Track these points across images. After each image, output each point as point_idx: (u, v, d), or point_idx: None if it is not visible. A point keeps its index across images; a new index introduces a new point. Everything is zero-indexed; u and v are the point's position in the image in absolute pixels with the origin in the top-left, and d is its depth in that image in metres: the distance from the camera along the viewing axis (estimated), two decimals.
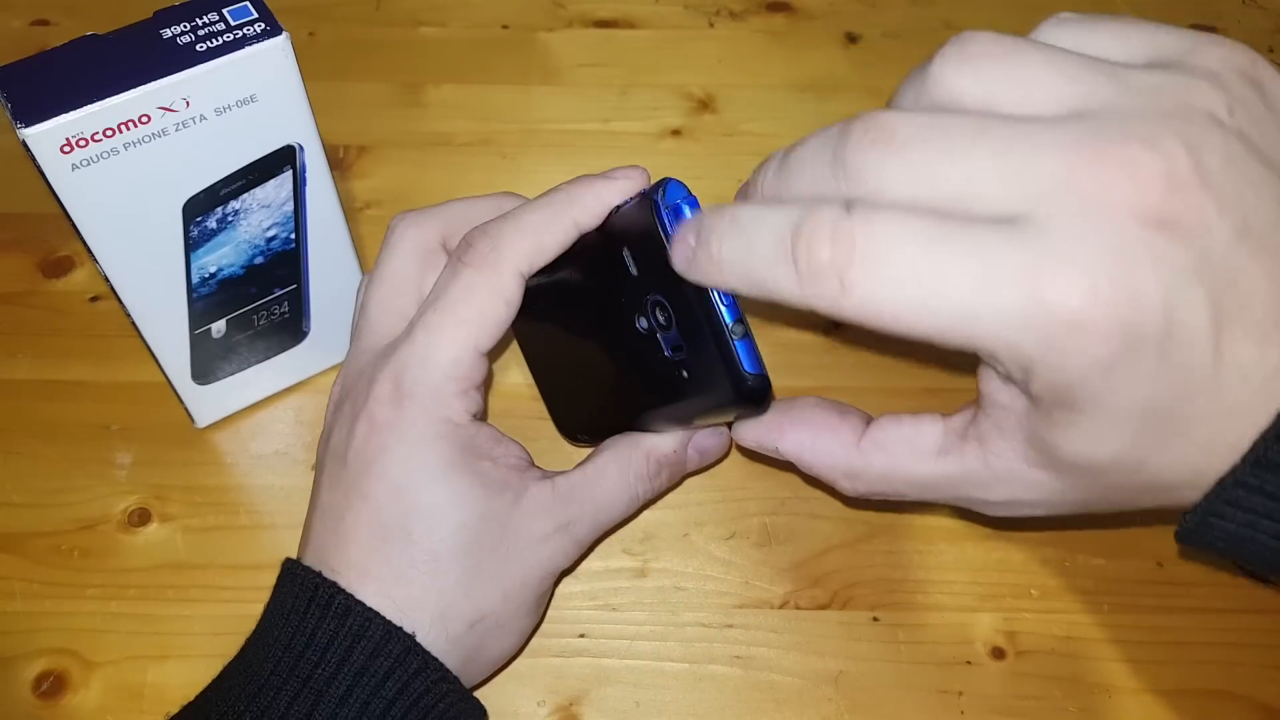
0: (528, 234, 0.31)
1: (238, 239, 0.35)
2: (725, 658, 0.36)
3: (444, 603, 0.30)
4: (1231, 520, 0.25)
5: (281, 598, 0.30)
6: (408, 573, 0.29)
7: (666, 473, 0.34)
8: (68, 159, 0.30)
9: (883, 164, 0.24)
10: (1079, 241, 0.22)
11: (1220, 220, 0.23)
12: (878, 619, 0.36)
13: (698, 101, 0.52)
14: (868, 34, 0.56)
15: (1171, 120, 0.23)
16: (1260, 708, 0.35)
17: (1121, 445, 0.25)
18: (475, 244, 0.31)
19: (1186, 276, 0.22)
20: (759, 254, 0.25)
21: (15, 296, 0.45)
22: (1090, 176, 0.22)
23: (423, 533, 0.30)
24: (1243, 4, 0.58)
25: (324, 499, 0.31)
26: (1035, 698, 0.35)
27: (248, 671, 0.29)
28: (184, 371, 0.38)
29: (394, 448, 0.30)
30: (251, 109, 0.32)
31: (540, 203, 0.32)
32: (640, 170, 0.32)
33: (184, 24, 0.31)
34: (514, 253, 0.31)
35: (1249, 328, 0.23)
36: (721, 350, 0.29)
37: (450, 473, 0.30)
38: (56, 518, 0.38)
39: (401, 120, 0.51)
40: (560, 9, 0.57)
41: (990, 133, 0.23)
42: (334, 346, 0.42)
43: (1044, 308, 0.22)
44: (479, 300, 0.30)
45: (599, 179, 0.31)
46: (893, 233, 0.23)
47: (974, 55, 0.25)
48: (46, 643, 0.35)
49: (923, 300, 0.23)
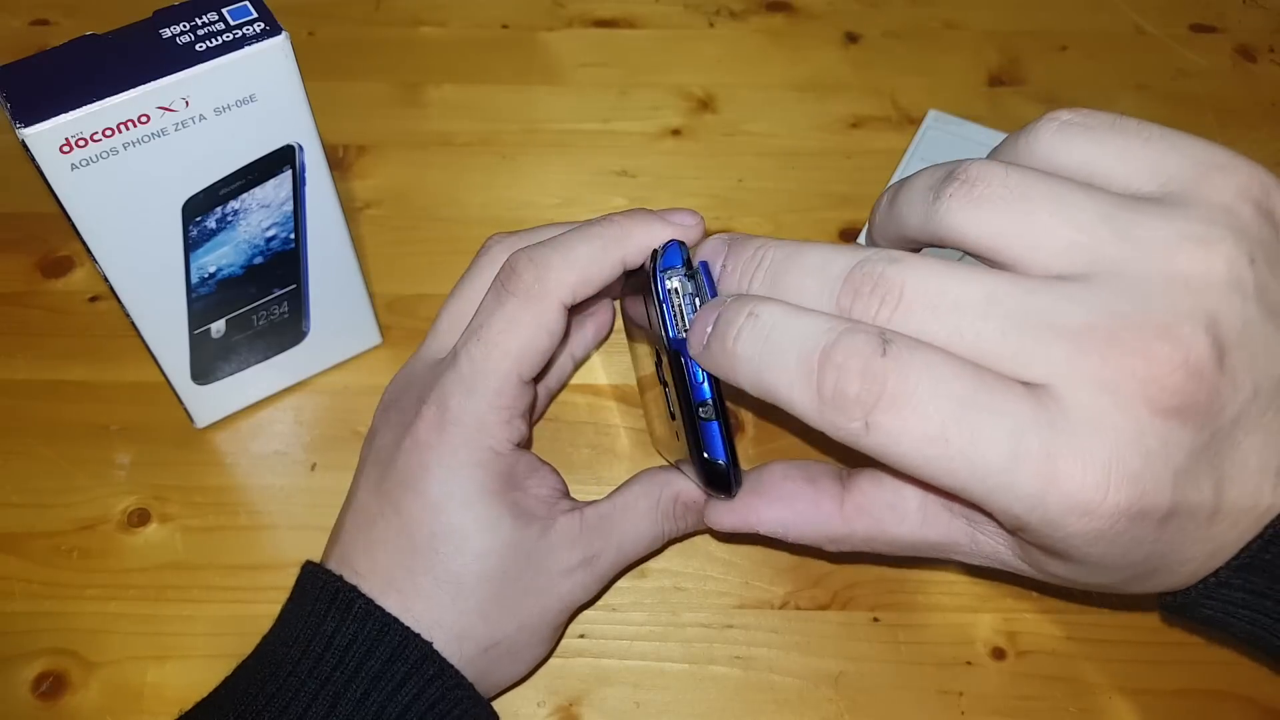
0: (574, 267, 0.30)
1: (237, 239, 0.35)
2: (725, 658, 0.36)
3: (462, 625, 0.30)
4: (1210, 609, 0.27)
5: (301, 599, 0.30)
6: (430, 590, 0.30)
7: (694, 516, 0.34)
8: (67, 159, 0.30)
9: (899, 325, 0.24)
10: (1096, 427, 0.22)
11: (1235, 395, 0.23)
12: (878, 619, 0.36)
13: (698, 101, 0.52)
14: (868, 34, 0.56)
15: (1186, 296, 0.23)
16: (1260, 708, 0.34)
17: (1108, 581, 0.26)
18: (521, 272, 0.30)
19: (1198, 459, 0.23)
20: (779, 364, 0.25)
21: (14, 296, 0.44)
22: (1105, 364, 0.22)
23: (449, 554, 0.30)
24: (1243, 4, 0.58)
25: (360, 499, 0.32)
26: (1036, 698, 0.35)
27: (265, 670, 0.29)
28: (183, 372, 0.38)
29: (433, 468, 0.30)
30: (251, 109, 0.32)
31: (592, 232, 0.31)
32: (695, 216, 0.31)
33: (183, 24, 0.31)
34: (559, 285, 0.30)
35: (1245, 483, 0.24)
36: (690, 427, 0.29)
37: (484, 499, 0.30)
38: (56, 518, 0.38)
39: (401, 120, 0.51)
40: (560, 8, 0.57)
41: (1002, 305, 0.23)
42: (334, 347, 0.42)
43: (1058, 491, 0.23)
44: (523, 332, 0.30)
45: (653, 218, 0.31)
46: (926, 386, 0.23)
47: (982, 198, 0.25)
48: (46, 643, 0.35)
49: (947, 460, 0.23)
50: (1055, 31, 0.56)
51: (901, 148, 0.50)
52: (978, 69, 0.54)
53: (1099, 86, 0.53)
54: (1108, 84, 0.53)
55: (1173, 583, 0.26)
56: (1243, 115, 0.52)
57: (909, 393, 0.23)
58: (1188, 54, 0.55)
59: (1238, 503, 0.24)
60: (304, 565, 0.31)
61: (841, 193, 0.49)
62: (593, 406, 0.41)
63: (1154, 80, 0.54)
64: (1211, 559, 0.25)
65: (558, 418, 0.41)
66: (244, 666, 0.30)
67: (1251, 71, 0.54)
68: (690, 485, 0.34)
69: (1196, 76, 0.54)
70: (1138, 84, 0.53)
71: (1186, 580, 0.26)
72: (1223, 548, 0.25)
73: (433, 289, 0.45)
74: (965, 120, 0.51)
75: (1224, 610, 0.27)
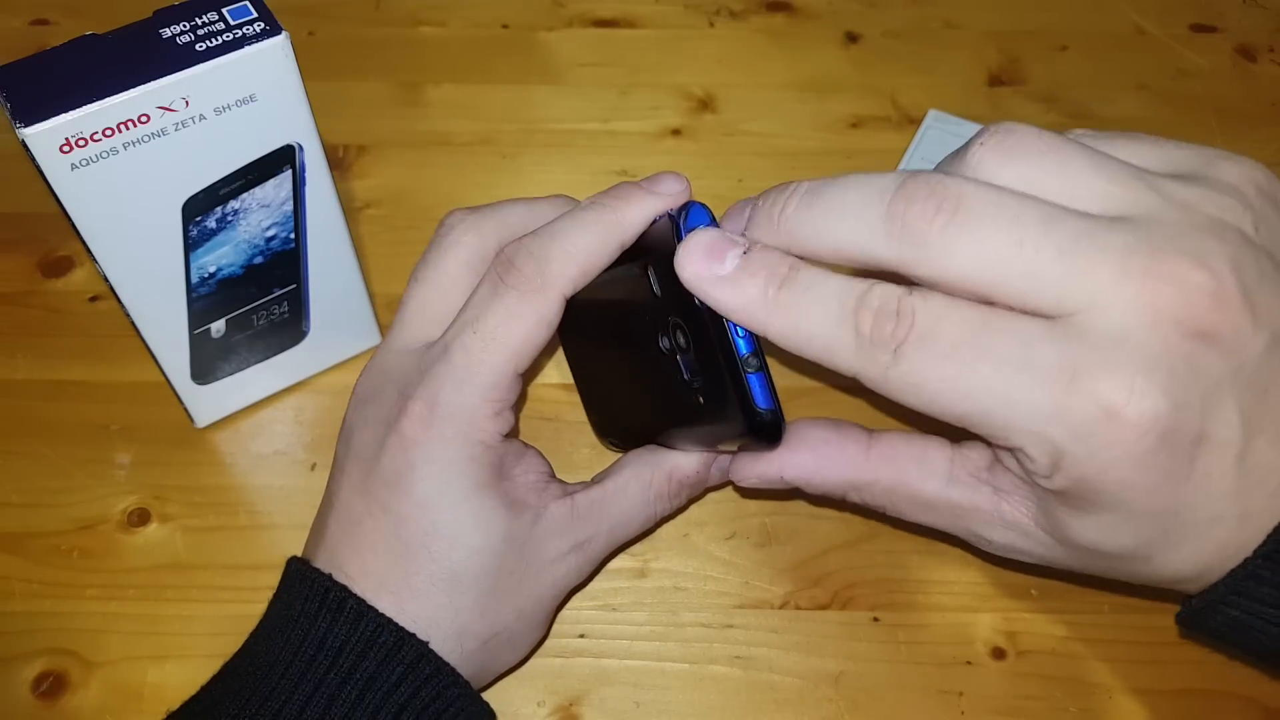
0: (575, 260, 0.30)
1: (237, 239, 0.35)
2: (725, 658, 0.36)
3: (460, 622, 0.30)
4: (1236, 608, 0.26)
5: (290, 599, 0.30)
6: (425, 590, 0.29)
7: (687, 492, 0.34)
8: (67, 159, 0.30)
9: (952, 239, 0.24)
10: (1126, 344, 0.23)
11: (1255, 335, 0.24)
12: (878, 619, 0.36)
13: (698, 101, 0.52)
14: (868, 34, 0.56)
15: (1211, 237, 0.24)
16: (1260, 708, 0.35)
17: (1134, 542, 0.26)
18: (520, 265, 0.30)
19: (1223, 387, 0.24)
20: (818, 316, 0.26)
21: (14, 296, 0.44)
22: (1142, 286, 0.23)
23: (443, 552, 0.29)
24: (1243, 4, 0.58)
25: (344, 499, 0.31)
26: (1036, 698, 0.35)
27: (257, 672, 0.29)
28: (183, 371, 0.38)
29: (421, 466, 0.30)
30: (251, 108, 0.32)
31: (587, 218, 0.30)
32: (681, 181, 0.31)
33: (183, 23, 0.31)
34: (560, 278, 0.30)
35: (1273, 436, 0.24)
36: (734, 382, 0.28)
37: (475, 495, 0.30)
38: (56, 518, 0.38)
39: (401, 120, 0.51)
40: (560, 8, 0.57)
41: (1060, 226, 0.24)
42: (333, 346, 0.42)
43: (1085, 400, 0.23)
44: (522, 325, 0.30)
45: (644, 194, 0.30)
46: (949, 314, 0.24)
47: (1015, 147, 0.25)
48: (46, 643, 0.35)
49: (962, 378, 0.24)
50: (1055, 31, 0.56)
51: (902, 148, 0.50)
52: (978, 69, 0.54)
53: (1099, 86, 0.53)
54: (1108, 84, 0.53)
55: (1200, 556, 0.26)
56: (1243, 115, 0.52)
57: (934, 324, 0.24)
58: (1188, 54, 0.55)
59: (1269, 458, 0.24)
60: (289, 563, 0.31)
61: None
62: None
63: (1154, 80, 0.54)
64: (1242, 524, 0.25)
65: (557, 417, 0.41)
66: (231, 667, 0.30)
67: (1252, 71, 0.54)
68: (683, 460, 0.33)
69: (1197, 76, 0.54)
70: (1138, 84, 0.53)
71: (1215, 555, 0.26)
72: (1253, 512, 0.25)
73: None
74: (965, 120, 0.51)
75: (1250, 611, 0.26)
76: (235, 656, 0.30)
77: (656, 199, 0.30)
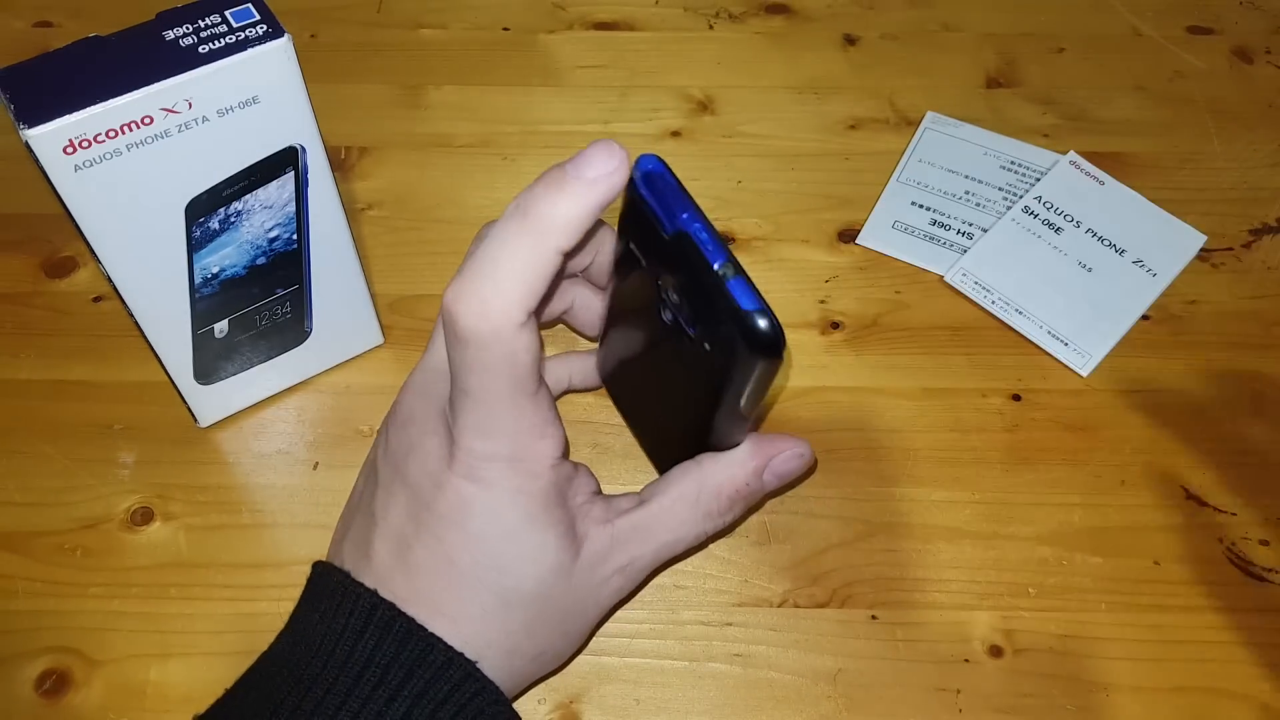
0: (516, 287, 0.27)
1: (240, 240, 0.35)
2: (724, 656, 0.36)
3: (511, 643, 0.30)
4: None
5: (333, 613, 0.30)
6: (479, 615, 0.30)
7: (741, 505, 0.33)
8: (71, 160, 0.30)
9: None
10: None
11: None
12: (876, 617, 0.37)
13: (697, 103, 0.53)
14: (866, 35, 0.56)
15: None
16: (1259, 707, 0.35)
17: None
18: (459, 315, 0.27)
19: None
20: None
21: (18, 297, 0.45)
22: None
23: (495, 580, 0.30)
24: (1240, 5, 0.58)
25: (393, 523, 0.30)
26: (1033, 696, 0.35)
27: (299, 685, 0.29)
28: (186, 371, 0.38)
29: (473, 502, 0.29)
30: (254, 110, 0.32)
31: (507, 235, 0.27)
32: (614, 156, 0.27)
33: (186, 26, 0.31)
34: (503, 314, 0.27)
35: None
36: (718, 296, 0.27)
37: (527, 528, 0.30)
38: (59, 517, 0.38)
39: (403, 122, 0.51)
40: (561, 11, 0.57)
41: None
42: (336, 347, 0.42)
43: None
44: (495, 374, 0.28)
45: (568, 187, 0.27)
46: None
47: None
48: (49, 641, 0.36)
49: None
50: (1052, 33, 0.56)
51: (900, 149, 0.50)
52: (975, 71, 0.54)
53: (1096, 88, 0.53)
54: (1105, 85, 0.54)
55: None
56: (1240, 117, 0.52)
57: None
58: (1185, 55, 0.55)
59: None
60: (330, 573, 0.31)
61: (840, 194, 0.49)
62: (592, 406, 0.41)
63: (1151, 82, 0.54)
64: None
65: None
66: (263, 673, 0.30)
67: (1248, 73, 0.54)
68: (731, 475, 0.33)
69: (1193, 78, 0.54)
70: (1135, 85, 0.54)
71: None
72: None
73: (434, 289, 0.45)
74: (963, 122, 0.51)
75: None
76: (265, 662, 0.30)
77: (587, 187, 0.26)
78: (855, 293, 0.45)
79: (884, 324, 0.44)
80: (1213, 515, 0.39)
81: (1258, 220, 0.48)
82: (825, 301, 0.45)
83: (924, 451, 0.40)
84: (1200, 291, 0.45)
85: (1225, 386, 0.42)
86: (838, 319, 0.44)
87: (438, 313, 0.34)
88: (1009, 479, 0.40)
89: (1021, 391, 0.42)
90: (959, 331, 0.44)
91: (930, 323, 0.44)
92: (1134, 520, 0.39)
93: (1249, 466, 0.40)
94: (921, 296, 0.45)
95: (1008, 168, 0.50)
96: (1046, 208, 0.48)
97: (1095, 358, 0.43)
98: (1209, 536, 0.38)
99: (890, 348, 0.44)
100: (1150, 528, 0.38)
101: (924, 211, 0.48)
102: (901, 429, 0.41)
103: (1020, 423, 0.41)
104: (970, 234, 0.47)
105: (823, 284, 0.46)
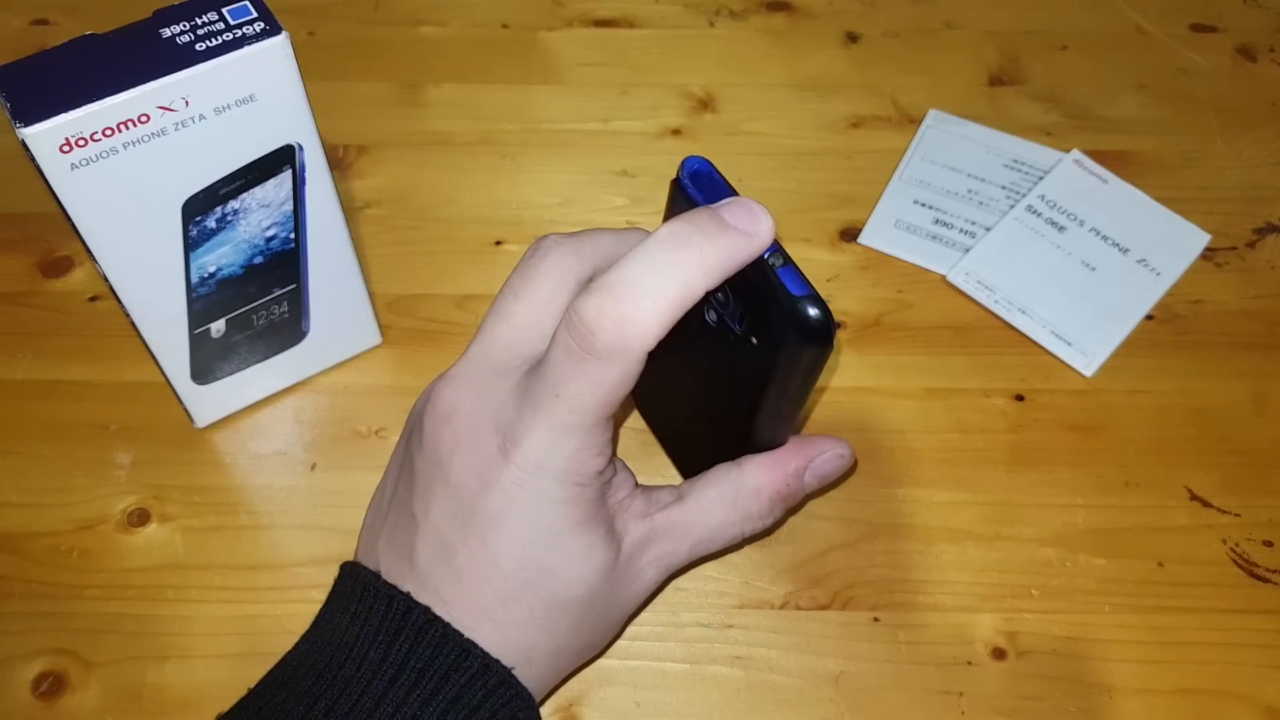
0: (657, 315, 0.27)
1: (237, 239, 0.35)
2: (725, 658, 0.36)
3: (557, 644, 0.30)
4: None
5: (366, 615, 0.29)
6: (525, 619, 0.30)
7: (781, 506, 0.33)
8: (67, 158, 0.30)
9: None
10: None
11: None
12: (878, 619, 0.36)
13: (698, 101, 0.52)
14: (868, 33, 0.56)
15: None
16: (1260, 707, 0.34)
17: None
18: (598, 332, 0.27)
19: None
20: None
21: (14, 296, 0.44)
22: None
23: (542, 585, 0.30)
24: (1243, 3, 0.58)
25: (434, 525, 0.30)
26: (1036, 698, 0.35)
27: (333, 686, 0.28)
28: (183, 371, 0.38)
29: (520, 508, 0.29)
30: (251, 108, 0.32)
31: (665, 263, 0.27)
32: (764, 219, 0.28)
33: (183, 23, 0.31)
34: (641, 338, 0.27)
35: None
36: (768, 286, 0.27)
37: (572, 533, 0.30)
38: (56, 518, 0.38)
39: (401, 120, 0.51)
40: (560, 8, 0.57)
41: None
42: (334, 346, 0.42)
43: None
44: (606, 390, 0.28)
45: (727, 235, 0.27)
46: None
47: None
48: (45, 643, 0.35)
49: None
50: (1055, 31, 0.56)
51: (902, 147, 0.50)
52: (978, 69, 0.54)
53: (1099, 86, 0.53)
54: (1108, 83, 0.53)
55: None
56: (1243, 115, 0.52)
57: None
58: (1188, 54, 0.55)
59: None
60: (360, 574, 0.30)
61: (842, 193, 0.49)
62: None
63: (1154, 80, 0.54)
64: None
65: None
66: (291, 671, 0.29)
67: (1252, 71, 0.54)
68: (771, 477, 0.32)
69: (1197, 76, 0.54)
70: (1138, 83, 0.53)
71: None
72: None
73: (433, 289, 0.45)
74: (965, 120, 0.51)
75: None
76: (293, 661, 0.30)
77: (743, 240, 0.27)
78: (857, 292, 0.45)
79: (886, 324, 0.44)
80: (1217, 516, 0.39)
81: (1262, 219, 0.48)
82: (827, 301, 0.45)
83: (926, 452, 0.40)
84: (1204, 291, 0.45)
85: (1229, 387, 0.42)
86: (840, 319, 0.44)
87: (490, 310, 0.32)
88: (1012, 480, 0.40)
89: (1025, 392, 0.42)
90: (962, 331, 0.44)
91: (933, 322, 0.44)
92: (1137, 521, 0.39)
93: (1253, 467, 0.40)
94: (924, 296, 0.45)
95: (1011, 166, 0.49)
96: (1050, 206, 0.48)
97: (1099, 358, 0.43)
98: (1213, 538, 0.38)
99: (892, 348, 0.43)
100: (1154, 529, 0.38)
101: (926, 210, 0.48)
102: (904, 429, 0.41)
103: (1023, 423, 0.41)
104: (973, 233, 0.47)
105: (825, 283, 0.45)
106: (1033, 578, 0.37)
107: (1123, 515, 0.39)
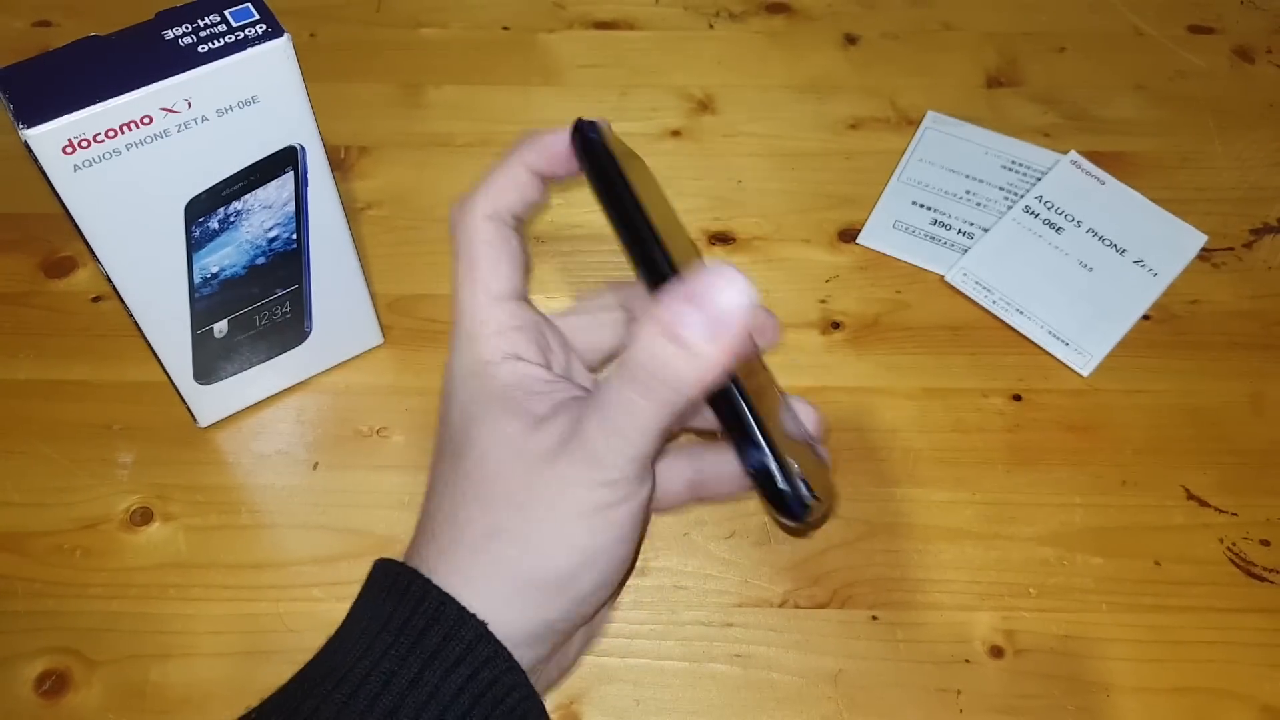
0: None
1: (240, 239, 0.35)
2: (725, 656, 0.36)
3: (579, 609, 0.29)
4: None
5: (370, 587, 0.29)
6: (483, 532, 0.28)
7: None
8: (70, 160, 0.30)
9: None
10: None
11: None
12: (877, 618, 0.36)
13: (697, 102, 0.53)
14: (867, 35, 0.56)
15: None
16: (1257, 706, 0.35)
17: None
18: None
19: None
20: None
21: (17, 297, 0.45)
22: None
23: (472, 463, 0.29)
24: (1240, 5, 0.58)
25: (432, 484, 0.30)
26: (1034, 696, 0.35)
27: (344, 667, 0.27)
28: (186, 371, 0.38)
29: (567, 502, 0.28)
30: (253, 110, 0.32)
31: (635, 397, 0.27)
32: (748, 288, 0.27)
33: (186, 25, 0.31)
34: (637, 462, 0.27)
35: None
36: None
37: (608, 536, 0.29)
38: (58, 517, 0.38)
39: (402, 121, 0.51)
40: (560, 10, 0.57)
41: None
42: (335, 346, 0.42)
43: None
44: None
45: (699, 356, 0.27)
46: None
47: None
48: (48, 642, 0.36)
49: None
50: (1053, 33, 0.56)
51: (900, 148, 0.50)
52: (976, 70, 0.54)
53: (1097, 87, 0.53)
54: (1105, 85, 0.54)
55: None
56: (1240, 116, 0.52)
57: None
58: (1186, 55, 0.55)
59: None
60: (387, 565, 0.29)
61: (841, 193, 0.49)
62: None
63: (1152, 81, 0.54)
64: None
65: None
66: (315, 666, 0.29)
67: (1249, 72, 0.54)
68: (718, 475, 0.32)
69: (1194, 77, 0.54)
70: (1136, 85, 0.54)
71: None
72: None
73: (434, 289, 0.45)
74: (963, 121, 0.51)
75: None
76: (323, 656, 0.29)
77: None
78: (856, 292, 0.45)
79: (885, 324, 0.44)
80: (1214, 515, 0.39)
81: (1259, 220, 0.48)
82: (826, 301, 0.45)
83: (925, 452, 0.40)
84: (1201, 291, 0.45)
85: (1226, 386, 0.42)
86: (838, 319, 0.44)
87: (442, 312, 0.34)
88: (1010, 479, 0.40)
89: (1022, 391, 0.42)
90: (960, 331, 0.44)
91: (931, 322, 0.44)
92: (1135, 520, 0.39)
93: (1250, 467, 0.40)
94: (922, 296, 0.45)
95: (1008, 167, 0.50)
96: (1047, 207, 0.48)
97: (1096, 358, 0.43)
98: (1210, 537, 0.38)
99: (891, 348, 0.43)
100: (1151, 528, 0.38)
101: (925, 211, 0.48)
102: (902, 429, 0.41)
103: (1021, 423, 0.41)
104: (971, 234, 0.47)
105: (823, 284, 0.46)
106: (1031, 577, 0.37)
107: (1120, 514, 0.39)
